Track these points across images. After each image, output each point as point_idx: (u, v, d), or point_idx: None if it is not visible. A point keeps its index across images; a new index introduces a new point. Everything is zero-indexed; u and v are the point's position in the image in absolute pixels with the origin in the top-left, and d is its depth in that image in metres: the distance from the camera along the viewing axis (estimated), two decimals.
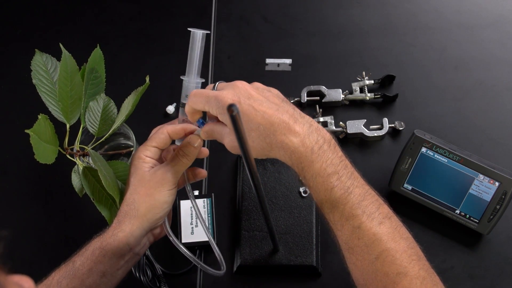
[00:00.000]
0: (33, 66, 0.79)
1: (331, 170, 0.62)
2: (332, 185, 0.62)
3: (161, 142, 0.71)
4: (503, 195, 0.82)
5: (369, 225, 0.62)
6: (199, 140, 0.70)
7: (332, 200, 0.63)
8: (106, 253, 0.68)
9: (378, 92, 0.96)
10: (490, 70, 0.98)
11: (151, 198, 0.68)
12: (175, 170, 0.69)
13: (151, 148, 0.71)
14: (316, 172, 0.62)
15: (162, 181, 0.69)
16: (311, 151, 0.62)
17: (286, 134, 0.62)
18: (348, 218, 0.62)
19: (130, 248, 0.69)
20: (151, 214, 0.69)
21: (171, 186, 0.69)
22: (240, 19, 1.06)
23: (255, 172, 0.63)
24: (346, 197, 0.62)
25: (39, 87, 0.79)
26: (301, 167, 0.63)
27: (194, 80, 0.73)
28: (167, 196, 0.69)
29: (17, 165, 0.96)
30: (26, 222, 0.92)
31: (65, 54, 0.77)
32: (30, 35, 1.07)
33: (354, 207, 0.62)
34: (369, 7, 1.05)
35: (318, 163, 0.62)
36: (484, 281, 0.83)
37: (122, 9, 1.08)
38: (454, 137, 0.92)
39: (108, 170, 0.75)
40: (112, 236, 0.68)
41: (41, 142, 0.72)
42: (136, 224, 0.68)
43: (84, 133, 0.83)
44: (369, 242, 0.61)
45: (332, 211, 0.63)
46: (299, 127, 0.63)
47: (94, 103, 0.81)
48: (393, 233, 0.62)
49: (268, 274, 0.85)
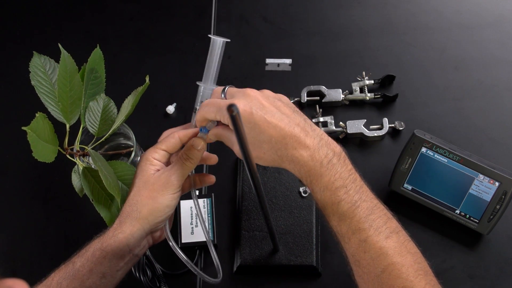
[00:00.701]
0: (32, 68, 0.79)
1: (339, 184, 0.63)
2: (340, 198, 0.63)
3: (171, 146, 0.71)
4: (503, 195, 0.82)
5: (376, 239, 0.62)
6: (202, 143, 0.70)
7: (340, 214, 0.63)
8: (107, 254, 0.68)
9: (378, 92, 0.96)
10: (490, 70, 0.98)
11: (154, 201, 0.68)
12: (178, 173, 0.69)
13: (160, 151, 0.71)
14: (324, 185, 0.63)
15: (166, 184, 0.69)
16: (320, 164, 0.63)
17: (297, 148, 0.63)
18: (355, 232, 0.62)
19: (130, 250, 0.69)
20: (153, 216, 0.69)
21: (175, 190, 0.69)
22: (240, 19, 1.06)
23: (255, 172, 0.63)
24: (353, 211, 0.63)
25: (38, 88, 0.79)
26: (310, 180, 0.64)
27: (210, 87, 0.72)
28: (170, 200, 0.69)
29: (17, 165, 0.96)
30: (26, 222, 0.92)
31: (64, 54, 0.76)
32: (30, 35, 1.07)
33: (361, 221, 0.62)
34: (369, 7, 1.06)
35: (326, 176, 0.63)
36: (484, 281, 0.83)
37: (122, 9, 1.08)
38: (454, 137, 0.92)
39: (108, 170, 0.75)
40: (113, 237, 0.68)
41: (40, 140, 0.72)
42: (137, 226, 0.68)
43: (84, 133, 0.83)
44: (375, 255, 0.62)
45: (340, 224, 0.64)
46: (309, 140, 0.63)
47: (94, 103, 0.81)
48: (400, 248, 0.63)
49: (268, 274, 0.85)
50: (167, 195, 0.68)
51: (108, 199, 0.77)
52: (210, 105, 0.66)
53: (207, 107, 0.67)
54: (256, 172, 0.63)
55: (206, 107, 0.67)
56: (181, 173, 0.69)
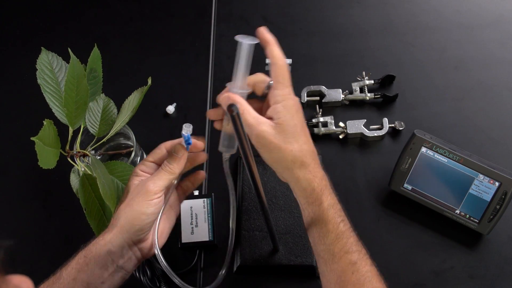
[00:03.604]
0: (39, 65, 0.78)
1: (339, 205, 0.68)
2: (343, 217, 0.67)
3: (157, 156, 0.73)
4: (503, 195, 0.82)
5: (364, 263, 0.65)
6: (183, 150, 0.71)
7: (338, 232, 0.66)
8: (89, 261, 0.67)
9: (378, 92, 0.96)
10: (490, 70, 0.98)
11: (130, 209, 0.68)
12: (156, 180, 0.69)
13: (147, 163, 0.73)
14: (333, 202, 0.67)
15: (140, 191, 0.69)
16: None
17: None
18: (348, 252, 0.65)
19: (112, 259, 0.68)
20: (130, 224, 0.68)
21: (150, 197, 0.68)
22: (240, 19, 1.06)
23: (255, 172, 0.63)
24: (351, 232, 0.66)
25: (44, 87, 0.77)
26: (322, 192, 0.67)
27: (238, 91, 0.67)
28: (145, 206, 0.68)
29: (17, 165, 0.96)
30: (26, 222, 0.92)
31: (73, 59, 0.75)
32: (30, 35, 1.07)
33: (355, 243, 0.66)
34: (369, 7, 1.06)
35: (332, 194, 0.67)
36: (484, 281, 0.83)
37: (122, 9, 1.08)
38: (454, 137, 0.92)
39: (107, 178, 0.74)
40: (95, 244, 0.68)
41: (45, 146, 0.72)
42: (115, 233, 0.68)
43: (84, 133, 0.83)
44: (362, 278, 0.64)
45: (335, 242, 0.65)
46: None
47: (94, 103, 0.81)
48: (377, 272, 0.66)
49: (268, 274, 0.85)
50: (142, 201, 0.68)
51: (101, 209, 0.77)
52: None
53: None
54: (256, 172, 0.63)
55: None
56: (159, 180, 0.69)
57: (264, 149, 0.64)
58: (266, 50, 0.65)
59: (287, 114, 0.64)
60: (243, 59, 0.67)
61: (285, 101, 0.64)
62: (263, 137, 0.63)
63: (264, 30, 0.65)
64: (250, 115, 0.64)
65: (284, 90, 0.64)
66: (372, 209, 0.88)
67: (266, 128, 0.63)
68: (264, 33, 0.65)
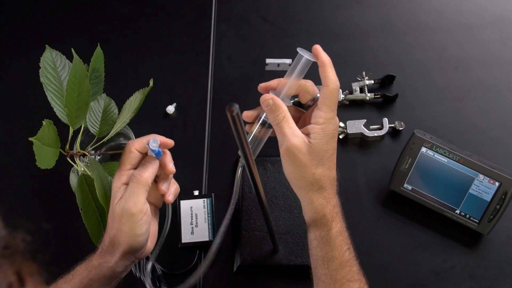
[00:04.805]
0: (42, 63, 0.77)
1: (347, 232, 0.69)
2: (350, 244, 0.68)
3: (133, 161, 0.71)
4: (503, 195, 0.82)
5: None
6: (154, 159, 0.70)
7: (344, 260, 0.67)
8: (93, 283, 0.68)
9: (378, 92, 0.96)
10: (490, 70, 0.98)
11: (126, 235, 0.67)
12: (134, 198, 0.67)
13: (125, 172, 0.70)
14: (344, 227, 0.68)
15: (125, 217, 0.67)
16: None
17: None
18: (350, 280, 0.66)
19: (116, 276, 0.70)
20: (131, 249, 0.68)
21: (138, 218, 0.67)
22: (240, 19, 1.06)
23: (255, 172, 0.63)
24: (355, 260, 0.68)
25: (46, 85, 0.77)
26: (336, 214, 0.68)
27: (283, 97, 0.66)
28: (138, 230, 0.68)
29: (17, 165, 0.96)
30: (26, 222, 0.92)
31: (76, 59, 0.74)
32: (30, 35, 1.07)
33: (357, 272, 0.67)
34: (369, 7, 1.06)
35: (343, 220, 0.69)
36: (484, 281, 0.83)
37: (122, 9, 1.08)
38: (454, 137, 0.92)
39: (104, 180, 0.74)
40: (99, 266, 0.68)
41: (43, 146, 0.71)
42: (120, 258, 0.68)
43: (85, 133, 0.83)
44: None
45: (339, 268, 0.66)
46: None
47: (95, 103, 0.81)
48: None
49: (268, 274, 0.85)
50: (133, 226, 0.67)
51: (97, 211, 0.76)
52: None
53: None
54: (256, 172, 0.63)
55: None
56: (137, 196, 0.68)
57: (288, 162, 0.64)
58: (321, 70, 0.64)
59: (324, 138, 0.64)
60: (297, 72, 0.66)
61: (325, 125, 0.64)
62: (292, 151, 0.63)
63: (320, 49, 0.64)
64: (288, 125, 0.64)
65: (328, 114, 0.64)
66: (372, 209, 0.88)
67: (299, 143, 0.63)
68: (321, 53, 0.64)
